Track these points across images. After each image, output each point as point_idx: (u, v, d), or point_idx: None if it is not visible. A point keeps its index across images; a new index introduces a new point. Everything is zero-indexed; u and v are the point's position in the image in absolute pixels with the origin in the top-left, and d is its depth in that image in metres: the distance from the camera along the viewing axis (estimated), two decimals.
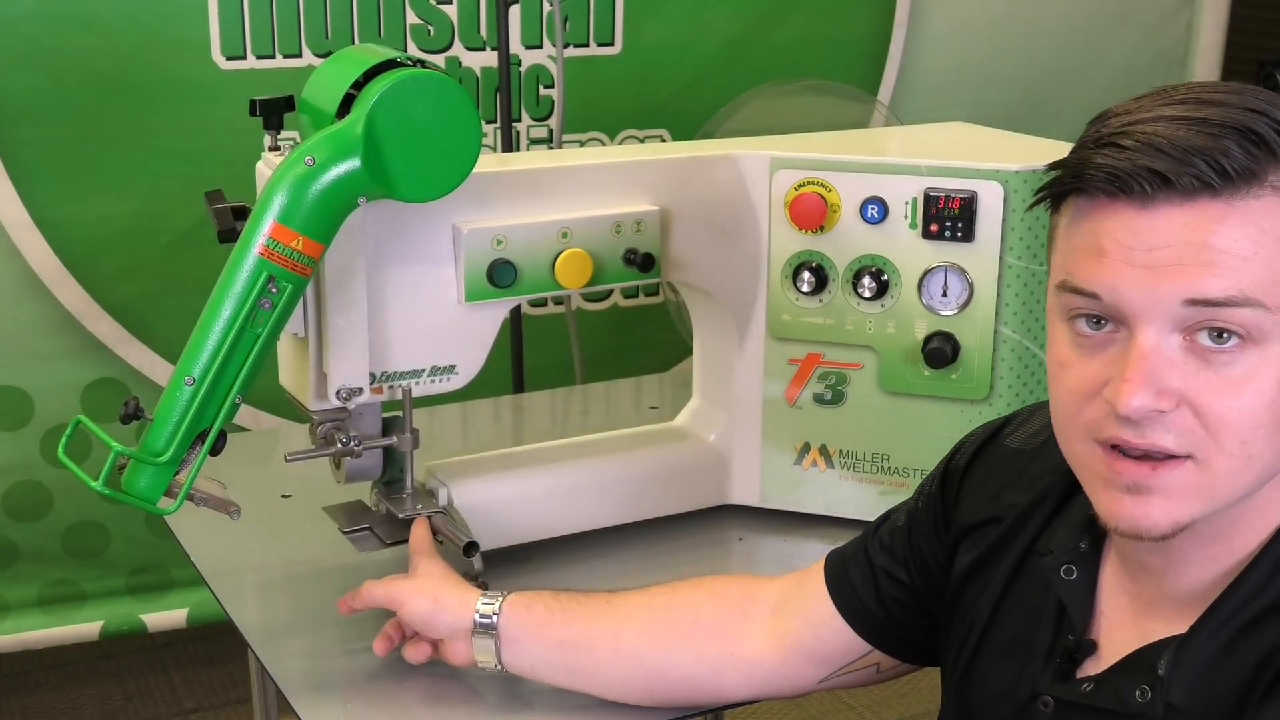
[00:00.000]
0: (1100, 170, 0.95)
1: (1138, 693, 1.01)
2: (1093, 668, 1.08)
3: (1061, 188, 1.00)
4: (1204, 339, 0.94)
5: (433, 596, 1.41)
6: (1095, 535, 1.11)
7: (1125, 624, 1.08)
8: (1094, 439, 0.99)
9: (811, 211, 1.67)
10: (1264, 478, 0.98)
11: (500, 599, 1.39)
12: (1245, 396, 0.94)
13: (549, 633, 1.37)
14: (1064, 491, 1.15)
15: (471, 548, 1.58)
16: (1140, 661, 1.03)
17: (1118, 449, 0.97)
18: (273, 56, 2.71)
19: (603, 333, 3.10)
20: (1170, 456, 0.96)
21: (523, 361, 2.81)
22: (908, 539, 1.30)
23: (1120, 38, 3.36)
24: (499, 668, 1.39)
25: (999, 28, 3.23)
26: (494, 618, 1.38)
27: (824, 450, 1.74)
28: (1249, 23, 4.31)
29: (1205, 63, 3.44)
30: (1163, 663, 1.01)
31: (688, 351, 1.91)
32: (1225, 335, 0.93)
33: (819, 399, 1.73)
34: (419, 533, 1.54)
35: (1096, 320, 0.98)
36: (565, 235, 1.58)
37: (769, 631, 1.36)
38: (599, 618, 1.39)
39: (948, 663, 1.23)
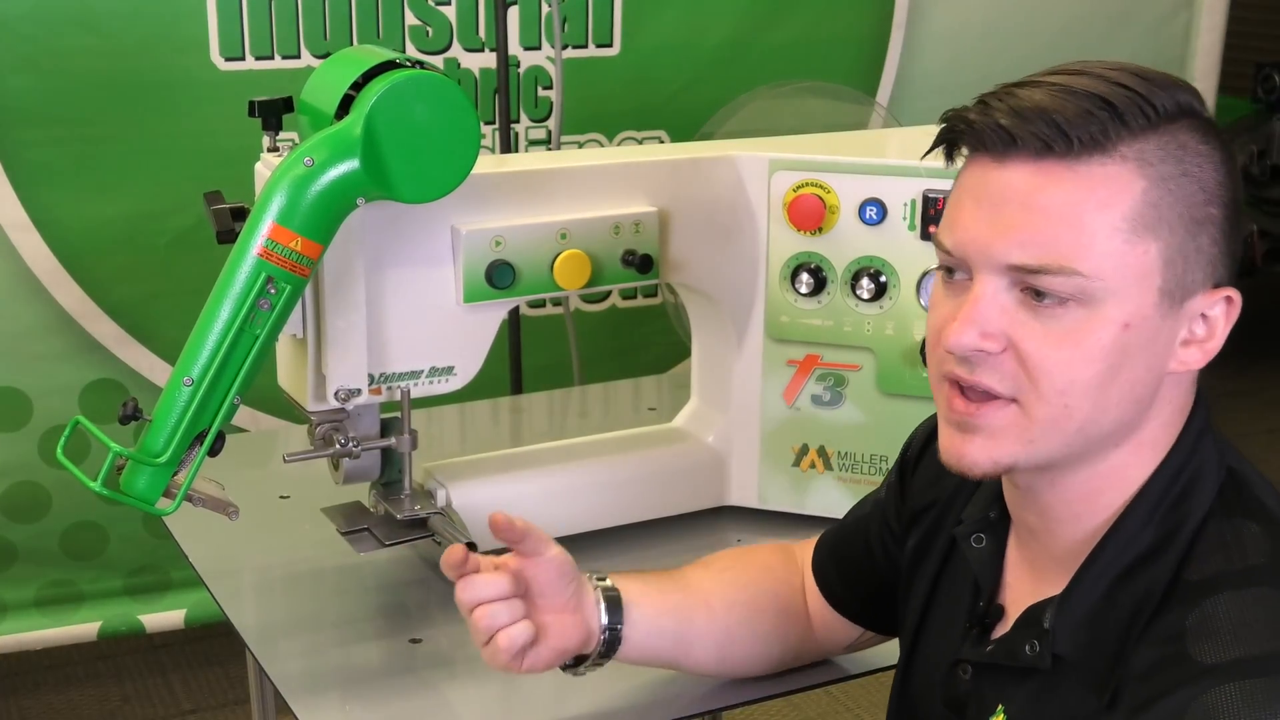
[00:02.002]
0: (964, 123, 1.02)
1: (1028, 648, 1.07)
2: (1001, 630, 1.13)
3: (939, 137, 1.06)
4: (1031, 294, 1.00)
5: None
6: (1004, 506, 1.15)
7: (1024, 587, 1.13)
8: (942, 376, 1.05)
9: (810, 213, 1.67)
10: (1091, 434, 1.02)
11: (601, 574, 1.32)
12: (1066, 349, 0.99)
13: (661, 599, 1.33)
14: None
15: (470, 549, 1.58)
16: (1031, 619, 1.09)
17: (959, 387, 1.04)
18: (271, 57, 2.71)
19: (601, 334, 3.10)
20: (996, 398, 1.02)
21: (521, 363, 2.81)
22: (875, 528, 1.36)
23: (1119, 39, 3.36)
24: (602, 647, 1.28)
25: (997, 29, 3.23)
26: (610, 585, 1.30)
27: (822, 452, 1.74)
28: (1247, 24, 4.32)
29: (1204, 64, 3.44)
30: (1047, 616, 1.07)
31: (686, 353, 1.91)
32: (1046, 295, 0.99)
33: (817, 400, 1.73)
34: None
35: (951, 271, 1.05)
36: (564, 236, 1.58)
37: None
38: (689, 592, 1.37)
39: (902, 644, 1.29)
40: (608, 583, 1.31)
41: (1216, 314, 1.04)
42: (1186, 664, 0.96)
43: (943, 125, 1.05)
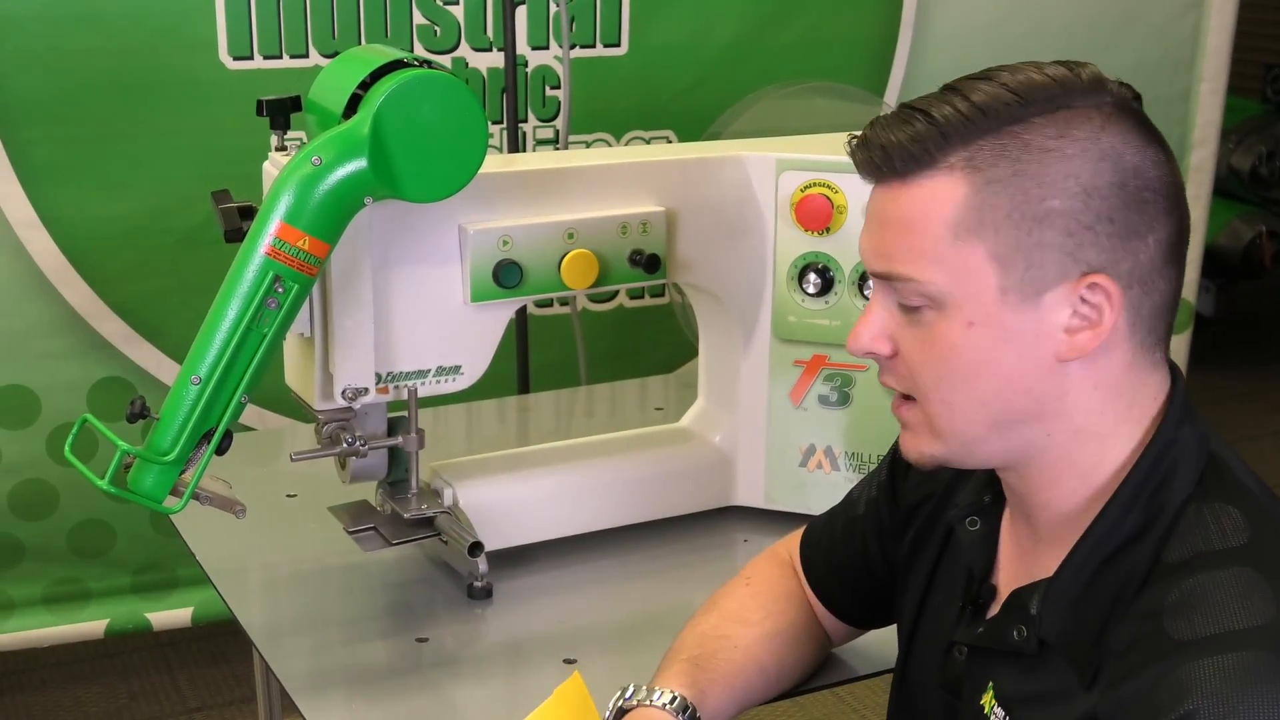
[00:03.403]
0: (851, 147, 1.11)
1: (1015, 632, 1.11)
2: (994, 610, 1.17)
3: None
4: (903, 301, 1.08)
5: None
6: (996, 490, 1.20)
7: (1016, 567, 1.17)
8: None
9: (817, 213, 1.67)
10: (998, 423, 1.08)
11: (674, 696, 1.27)
12: (928, 351, 1.07)
13: (730, 696, 1.32)
14: None
15: (476, 548, 1.59)
16: (1018, 602, 1.12)
17: None
18: (280, 57, 2.71)
19: (608, 334, 3.10)
20: (907, 397, 1.11)
21: (528, 362, 2.81)
22: (871, 528, 1.38)
23: (1127, 39, 3.35)
24: None
25: (1005, 29, 3.23)
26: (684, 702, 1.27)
27: (829, 452, 1.74)
28: (1256, 25, 4.31)
29: (1213, 64, 3.43)
30: (1034, 602, 1.10)
31: (693, 353, 1.91)
32: (911, 301, 1.07)
33: (824, 400, 1.73)
34: None
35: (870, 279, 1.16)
36: (571, 236, 1.58)
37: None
38: (747, 671, 1.34)
39: (901, 635, 1.31)
40: (678, 701, 1.26)
41: (1098, 299, 1.05)
42: (1161, 640, 0.99)
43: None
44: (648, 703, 1.25)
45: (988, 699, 1.13)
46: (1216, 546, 1.03)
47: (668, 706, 1.24)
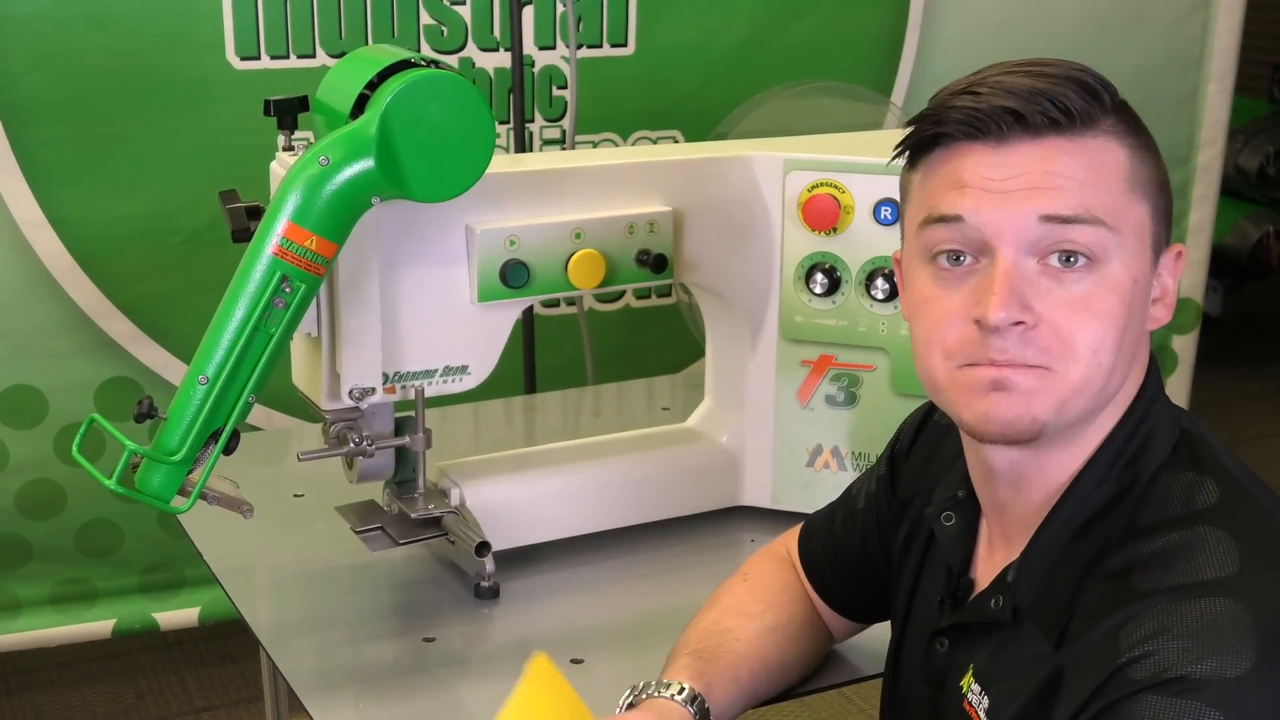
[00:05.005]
0: (960, 112, 1.06)
1: (993, 602, 1.13)
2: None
3: (920, 136, 1.10)
4: (1054, 261, 1.04)
5: None
6: (970, 485, 1.20)
7: (995, 559, 1.17)
8: (957, 365, 1.07)
9: (824, 213, 1.67)
10: (1109, 391, 1.07)
11: (682, 687, 1.28)
12: (1090, 311, 1.04)
13: (736, 691, 1.33)
14: (958, 452, 1.22)
15: (483, 548, 1.59)
16: (999, 580, 1.14)
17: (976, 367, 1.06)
18: (287, 57, 2.71)
19: (615, 333, 3.10)
20: (1027, 365, 1.04)
21: (535, 362, 2.81)
22: (870, 522, 1.38)
23: (1135, 40, 3.35)
24: None
25: (1012, 29, 3.23)
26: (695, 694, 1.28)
27: (836, 452, 1.74)
28: (1264, 25, 4.30)
29: (1220, 64, 3.43)
30: (1010, 571, 1.12)
31: (700, 353, 1.91)
32: (1073, 258, 1.04)
33: (831, 400, 1.73)
34: None
35: (956, 256, 1.07)
36: (578, 236, 1.58)
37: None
38: (752, 665, 1.36)
39: (893, 630, 1.32)
40: (687, 692, 1.26)
41: (1169, 270, 1.11)
42: (1126, 592, 1.02)
43: (924, 119, 1.09)
44: (657, 695, 1.26)
45: (966, 680, 1.14)
46: (1186, 509, 1.05)
47: (677, 697, 1.25)
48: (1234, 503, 1.05)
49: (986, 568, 1.18)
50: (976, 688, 1.12)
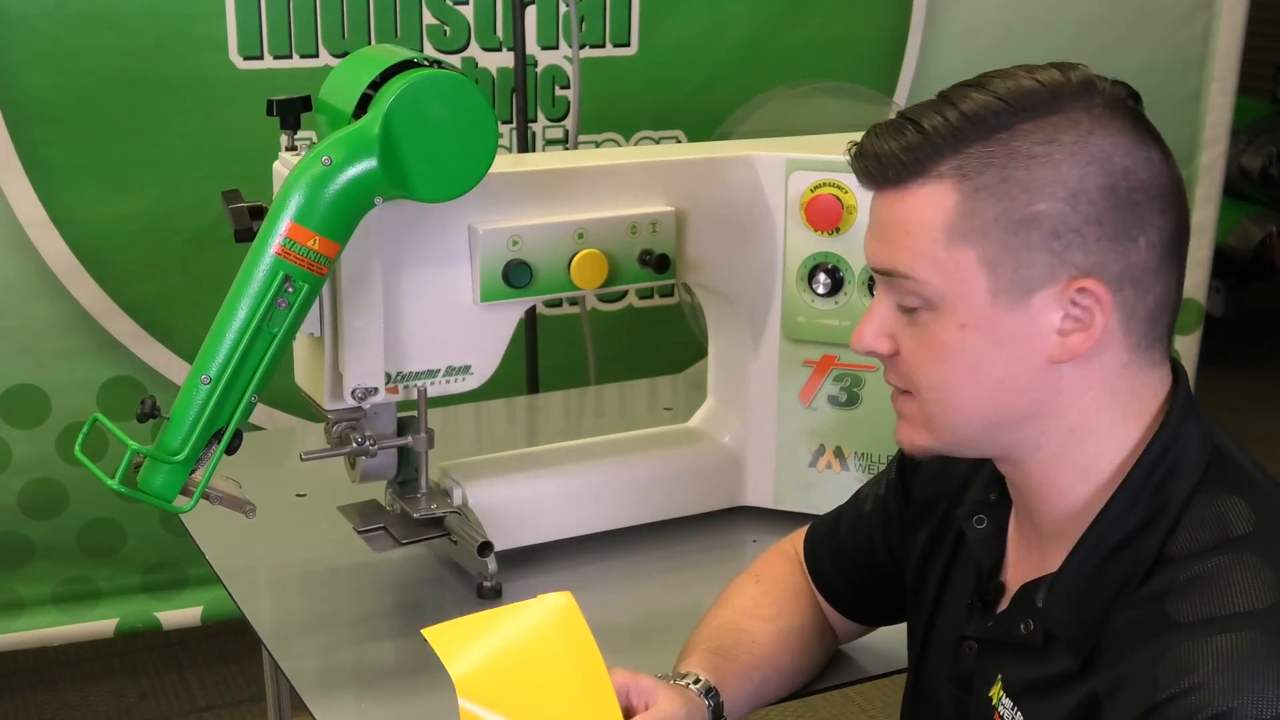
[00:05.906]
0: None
1: (1023, 626, 1.13)
2: (1002, 606, 1.19)
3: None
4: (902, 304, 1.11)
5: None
6: (1003, 488, 1.21)
7: (1023, 563, 1.18)
8: None
9: (827, 213, 1.67)
10: (989, 424, 1.10)
11: (699, 679, 1.30)
12: (924, 352, 1.10)
13: (748, 688, 1.34)
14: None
15: (485, 548, 1.59)
16: (1025, 597, 1.14)
17: None
18: (290, 56, 2.71)
19: (618, 334, 3.10)
20: (905, 391, 1.14)
21: (537, 362, 2.81)
22: (879, 525, 1.39)
23: (1138, 39, 3.35)
24: None
25: (1015, 29, 3.23)
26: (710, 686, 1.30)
27: (839, 452, 1.74)
28: (1267, 25, 4.30)
29: (1223, 64, 3.43)
30: (1040, 595, 1.12)
31: (703, 353, 1.91)
32: (908, 302, 1.10)
33: (834, 401, 1.73)
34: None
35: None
36: (581, 236, 1.58)
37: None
38: (765, 664, 1.37)
39: (915, 634, 1.32)
40: (703, 684, 1.28)
41: (1088, 302, 1.06)
42: (1163, 620, 1.01)
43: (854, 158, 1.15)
44: (674, 683, 1.27)
45: (996, 690, 1.15)
46: (1221, 535, 1.04)
47: (693, 687, 1.27)
48: (1269, 524, 1.04)
49: (1016, 571, 1.19)
50: (1009, 702, 1.13)
